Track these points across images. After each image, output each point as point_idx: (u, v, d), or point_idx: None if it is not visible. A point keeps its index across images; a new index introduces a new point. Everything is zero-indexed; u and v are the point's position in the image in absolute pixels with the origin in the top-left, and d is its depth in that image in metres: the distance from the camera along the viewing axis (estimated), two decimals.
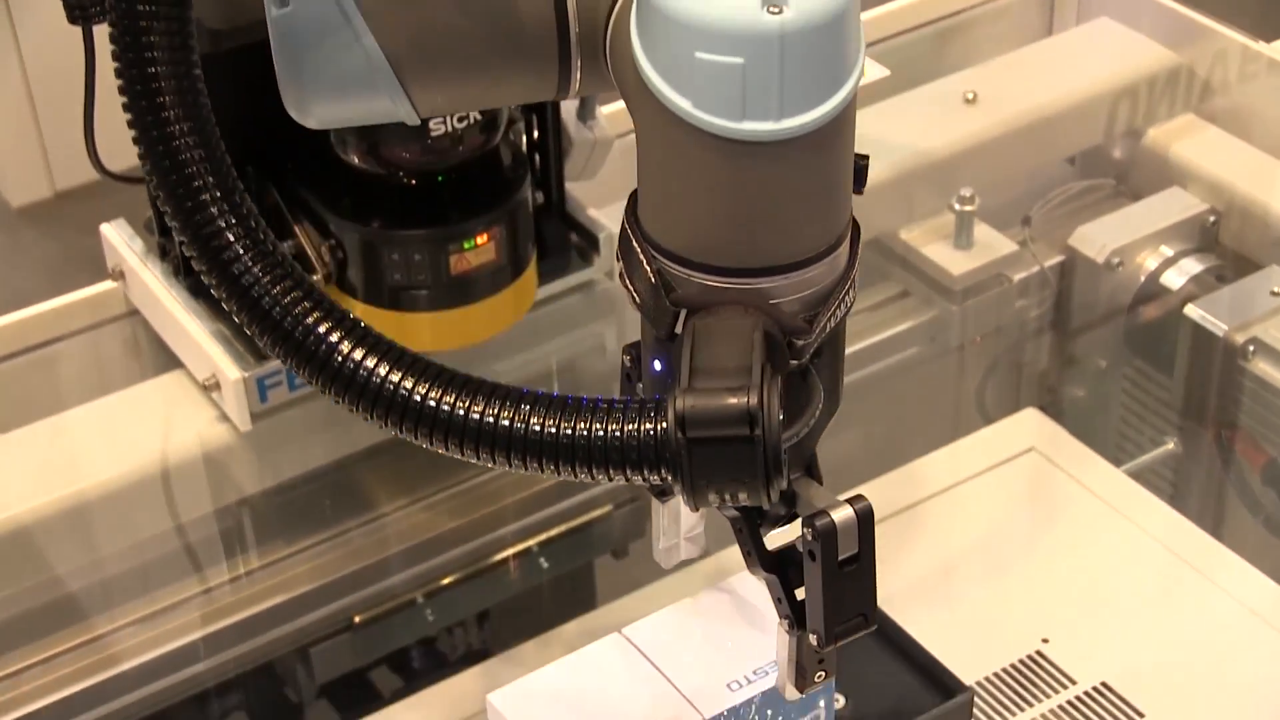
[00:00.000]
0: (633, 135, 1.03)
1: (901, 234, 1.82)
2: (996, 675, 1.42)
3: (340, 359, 1.00)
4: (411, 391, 0.99)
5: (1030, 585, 1.50)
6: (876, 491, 1.58)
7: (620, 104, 1.64)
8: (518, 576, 1.61)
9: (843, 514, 1.07)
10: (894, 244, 1.82)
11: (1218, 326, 1.74)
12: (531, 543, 1.58)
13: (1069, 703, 1.40)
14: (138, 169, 1.41)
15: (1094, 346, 1.91)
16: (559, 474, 0.99)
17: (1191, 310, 1.77)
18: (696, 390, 0.97)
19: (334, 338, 1.00)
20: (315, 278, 1.39)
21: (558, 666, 1.22)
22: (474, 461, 1.00)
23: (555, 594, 1.65)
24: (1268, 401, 1.73)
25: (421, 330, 1.41)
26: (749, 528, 1.12)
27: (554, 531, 1.58)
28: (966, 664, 1.36)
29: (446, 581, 1.57)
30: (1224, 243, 1.86)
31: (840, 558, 1.08)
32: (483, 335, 1.44)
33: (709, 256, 1.01)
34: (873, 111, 1.81)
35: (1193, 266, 1.83)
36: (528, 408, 0.98)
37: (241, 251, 1.01)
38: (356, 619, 1.54)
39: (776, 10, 0.94)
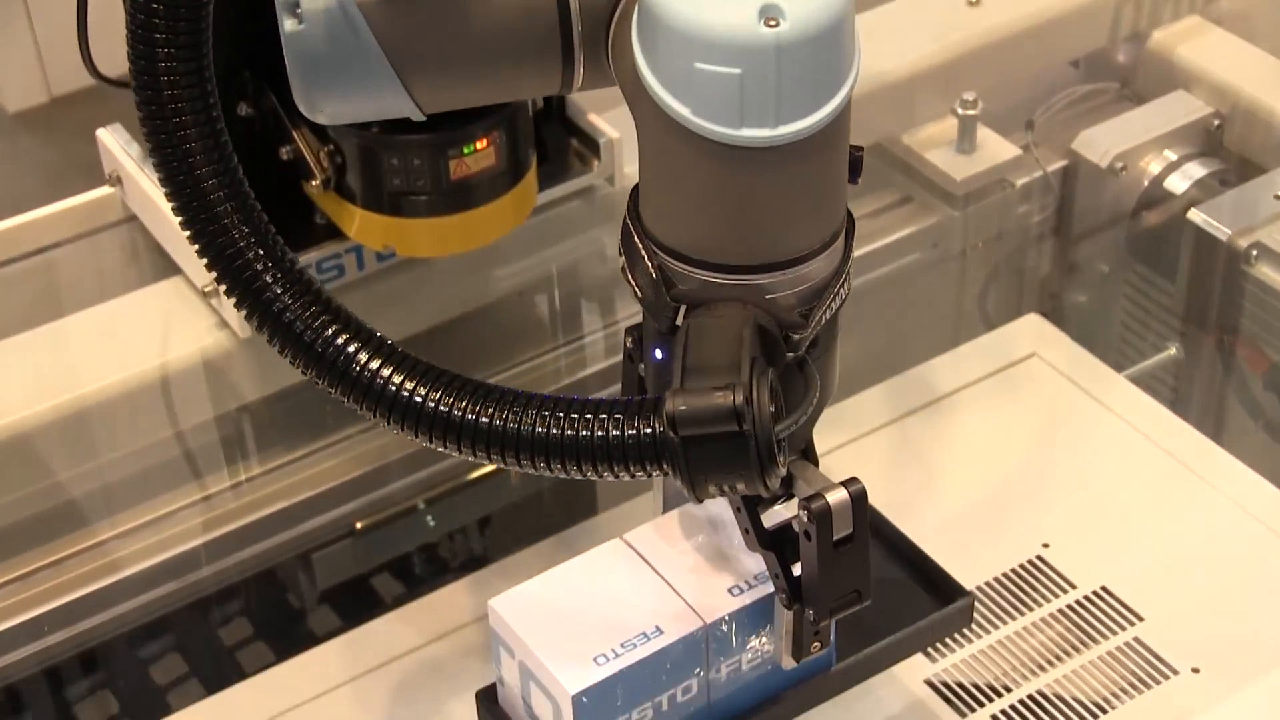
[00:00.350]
0: None
1: (903, 139, 1.81)
2: (997, 580, 1.42)
3: (358, 369, 1.06)
4: (425, 398, 1.05)
5: (1031, 490, 1.50)
6: (878, 397, 1.59)
7: None
8: (519, 482, 1.61)
9: (837, 496, 1.11)
10: (896, 149, 1.81)
11: (1221, 231, 1.74)
12: None
13: (1069, 607, 1.40)
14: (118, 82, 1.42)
15: (1096, 252, 1.91)
16: (566, 473, 1.04)
17: (1195, 215, 1.76)
18: (687, 391, 1.01)
19: (351, 348, 1.06)
20: (314, 183, 1.39)
21: (559, 572, 1.23)
22: (484, 462, 1.06)
23: (556, 500, 1.65)
24: (1270, 306, 1.73)
25: (421, 236, 1.40)
26: (748, 508, 1.16)
27: None
28: (967, 569, 1.37)
29: (448, 488, 1.57)
30: (1228, 146, 1.85)
31: (835, 538, 1.12)
32: (482, 241, 1.43)
33: (708, 254, 1.06)
34: (876, 15, 1.79)
35: (1196, 171, 1.82)
36: (534, 413, 1.03)
37: (262, 271, 1.08)
38: (358, 525, 1.54)
39: (774, 23, 0.98)
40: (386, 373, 1.05)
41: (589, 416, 1.03)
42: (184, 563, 1.48)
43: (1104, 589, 1.41)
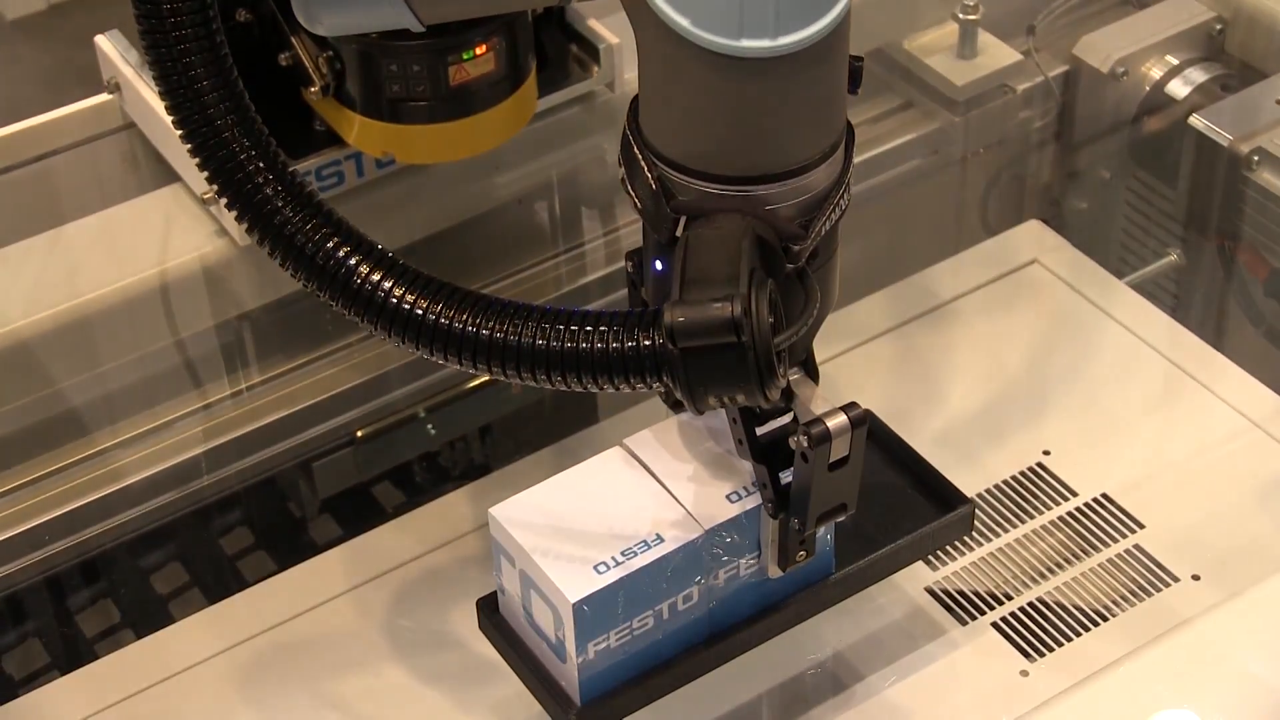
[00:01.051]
0: None
1: (904, 44, 1.80)
2: (997, 487, 1.42)
3: (357, 281, 1.06)
4: (425, 311, 1.05)
5: (1031, 398, 1.50)
6: (879, 304, 1.59)
7: None
8: (519, 391, 1.61)
9: (837, 422, 1.12)
10: (896, 54, 1.80)
11: (1222, 136, 1.73)
12: None
13: (1069, 514, 1.40)
14: None
15: (1098, 158, 1.90)
16: (565, 385, 1.05)
17: (1196, 120, 1.75)
18: (685, 303, 1.02)
19: (351, 260, 1.07)
20: (313, 89, 1.38)
21: (559, 480, 1.23)
22: (485, 374, 1.07)
23: (557, 408, 1.65)
24: (1271, 212, 1.72)
25: (421, 142, 1.39)
26: (744, 420, 1.17)
27: None
28: (967, 476, 1.37)
29: (448, 396, 1.57)
30: (1230, 51, 1.84)
31: (831, 461, 1.13)
32: (482, 147, 1.42)
33: (707, 165, 1.06)
34: None
35: (1198, 76, 1.81)
36: (533, 325, 1.04)
37: (263, 183, 1.09)
38: (358, 433, 1.54)
39: None
40: (386, 285, 1.06)
41: (588, 329, 1.03)
42: (184, 471, 1.48)
43: (1104, 496, 1.42)
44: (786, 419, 1.18)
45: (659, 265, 1.13)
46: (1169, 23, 1.83)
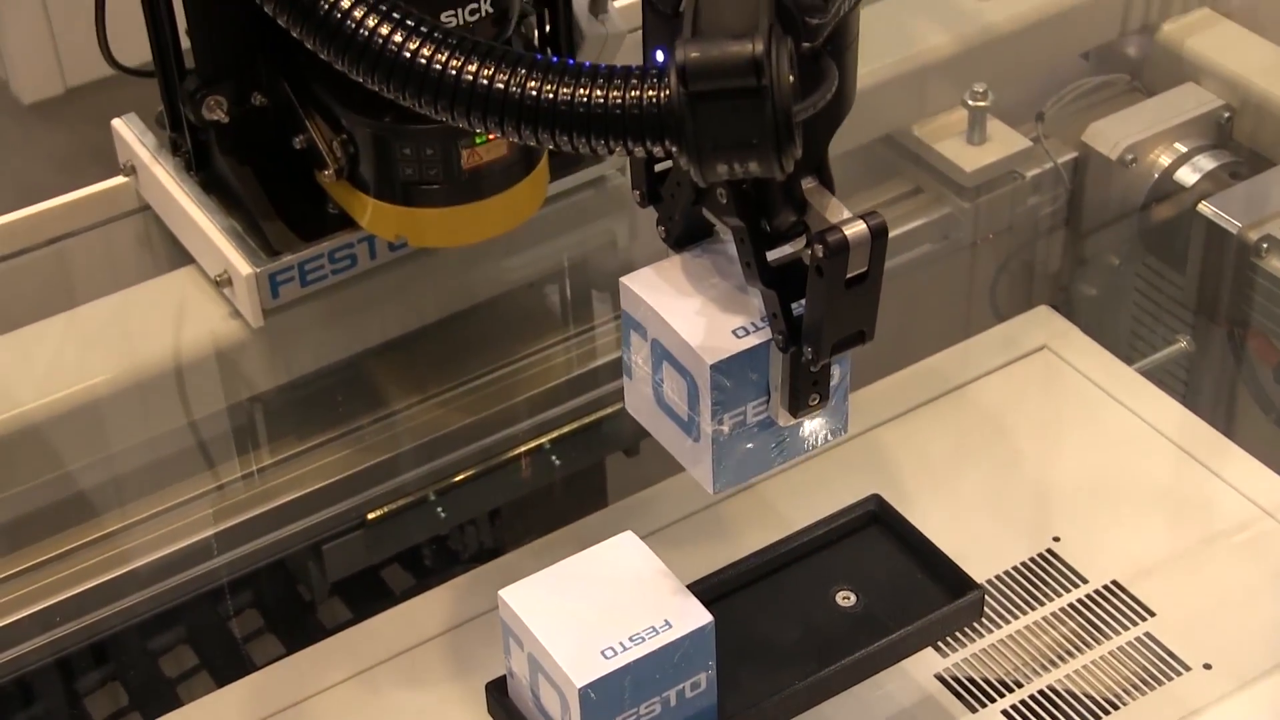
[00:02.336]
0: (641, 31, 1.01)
1: (914, 129, 1.80)
2: (1008, 573, 1.42)
3: (353, 25, 0.97)
4: (418, 55, 0.96)
5: (1042, 483, 1.50)
6: (890, 388, 1.59)
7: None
8: (529, 474, 1.61)
9: (856, 230, 1.04)
10: (907, 140, 1.81)
11: (1231, 224, 1.74)
12: (543, 440, 1.58)
13: (1080, 601, 1.40)
14: (149, 64, 1.42)
15: (1107, 244, 1.91)
16: (562, 142, 0.95)
17: (1205, 207, 1.76)
18: (700, 39, 0.92)
19: (346, 3, 0.98)
20: (327, 172, 1.38)
21: (568, 564, 1.22)
22: (477, 129, 0.98)
23: (566, 491, 1.65)
24: None
25: (433, 226, 1.39)
26: (752, 236, 1.07)
27: (565, 429, 1.58)
28: (978, 562, 1.37)
29: (458, 479, 1.57)
30: (1238, 139, 1.85)
31: (848, 275, 1.05)
32: (495, 231, 1.43)
33: None
34: (888, 5, 1.79)
35: (1206, 163, 1.82)
36: (526, 71, 0.95)
37: None
38: (369, 516, 1.54)
39: None
40: (383, 30, 0.97)
41: (591, 79, 0.94)
42: (195, 554, 1.48)
43: (1114, 583, 1.41)
44: (799, 245, 1.08)
45: (660, 56, 1.04)
46: (1177, 110, 1.84)
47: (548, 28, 1.50)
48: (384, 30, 0.97)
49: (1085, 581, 1.41)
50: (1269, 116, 1.82)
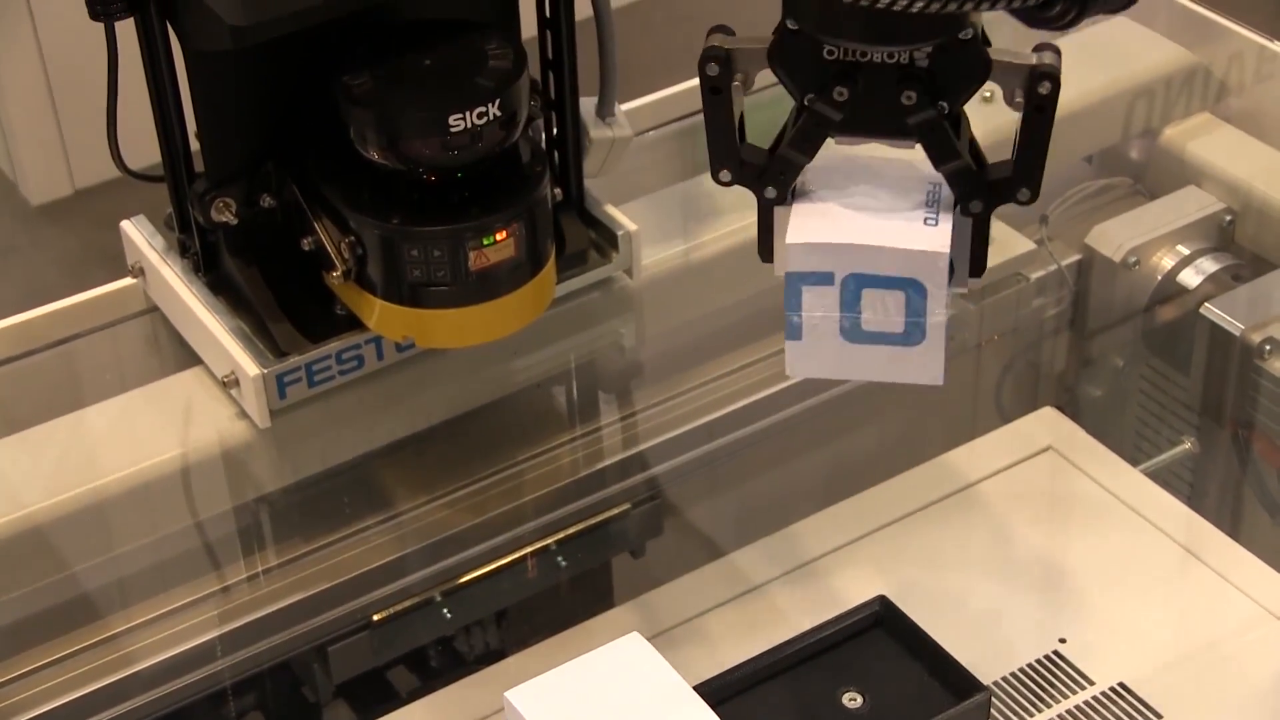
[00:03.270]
0: (648, 134, 1.03)
1: None
2: (1014, 675, 1.42)
3: None
4: None
5: (1047, 585, 1.50)
6: (894, 490, 1.59)
7: (638, 101, 1.66)
8: (535, 575, 1.61)
9: (1052, 60, 1.18)
10: None
11: (1234, 326, 1.74)
12: (549, 541, 1.58)
13: (1086, 703, 1.40)
14: (158, 167, 1.43)
15: (1111, 345, 1.91)
16: None
17: (1208, 309, 1.76)
18: None
19: None
20: (335, 273, 1.39)
21: (575, 665, 1.22)
22: None
23: (573, 592, 1.65)
24: None
25: (441, 327, 1.41)
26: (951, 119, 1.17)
27: (572, 530, 1.58)
28: (984, 663, 1.36)
29: (464, 580, 1.57)
30: (1240, 242, 1.86)
31: None
32: (502, 332, 1.43)
33: None
34: None
35: (1209, 266, 1.83)
36: None
37: None
38: (374, 617, 1.54)
39: None
40: None
41: None
42: (199, 656, 1.47)
43: (1121, 685, 1.41)
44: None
45: None
46: (1179, 214, 1.84)
47: (555, 130, 1.51)
48: None
49: (1092, 683, 1.41)
50: (1270, 220, 1.83)
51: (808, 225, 1.19)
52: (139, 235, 1.52)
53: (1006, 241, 1.81)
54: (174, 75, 1.39)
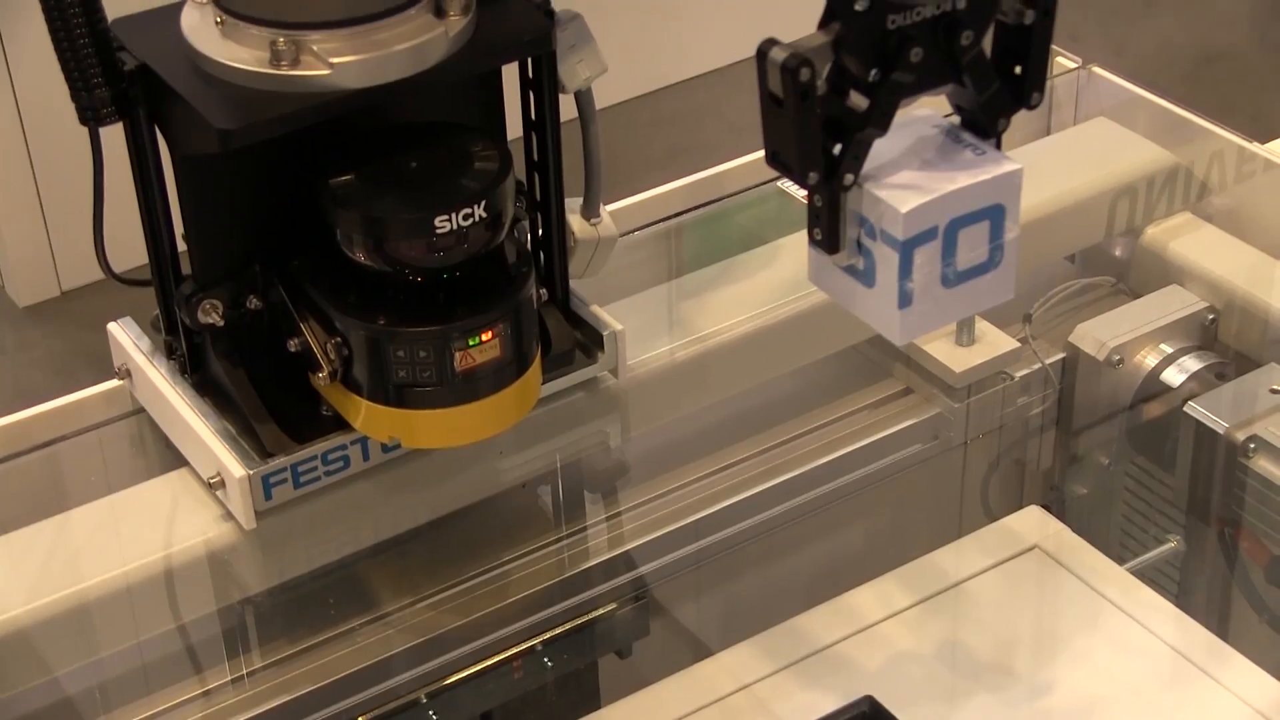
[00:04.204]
0: (634, 235, 1.04)
1: None
2: None
3: None
4: None
5: (1034, 684, 1.49)
6: (880, 590, 1.58)
7: (623, 202, 1.67)
8: (522, 675, 1.61)
9: None
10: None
11: (1218, 424, 1.74)
12: (535, 642, 1.57)
13: None
14: (143, 269, 1.43)
15: (1096, 443, 1.91)
16: None
17: (1192, 408, 1.77)
18: None
19: None
20: (321, 375, 1.40)
21: None
22: None
23: (560, 693, 1.64)
24: (1269, 499, 1.73)
25: (427, 427, 1.41)
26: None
27: (558, 630, 1.57)
28: None
29: (450, 681, 1.56)
30: (1223, 340, 1.86)
31: None
32: (488, 432, 1.44)
33: None
34: None
35: (1193, 364, 1.83)
36: None
37: None
38: (361, 719, 1.53)
39: None
40: None
41: None
42: None
43: None
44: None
45: None
46: (1162, 312, 1.85)
47: (540, 231, 1.52)
48: None
49: None
50: (1252, 318, 1.84)
51: (902, 194, 1.28)
52: (125, 337, 1.53)
53: (991, 340, 1.81)
54: (162, 179, 1.40)
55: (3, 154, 3.04)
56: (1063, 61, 2.00)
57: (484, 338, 1.38)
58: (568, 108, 1.49)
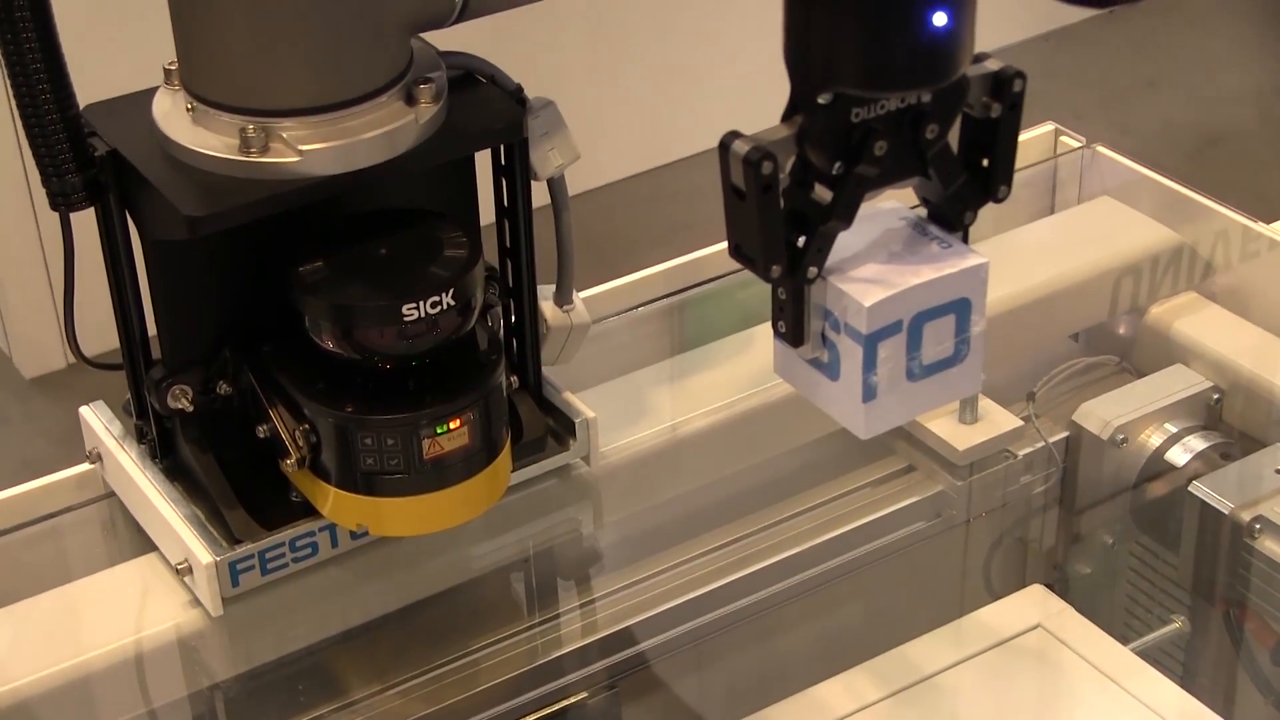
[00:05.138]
0: (607, 321, 1.03)
1: None
2: None
3: None
4: None
5: None
6: (881, 668, 1.57)
7: (597, 289, 1.67)
8: None
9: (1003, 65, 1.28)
10: None
11: (1223, 504, 1.73)
12: None
13: None
14: (114, 355, 1.44)
15: (1100, 523, 1.90)
16: None
17: (1197, 487, 1.75)
18: None
19: None
20: (289, 461, 1.39)
21: None
22: None
23: None
24: (1275, 580, 1.71)
25: (395, 515, 1.40)
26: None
27: (529, 718, 1.57)
28: None
29: None
30: (1228, 420, 1.85)
31: None
32: (456, 520, 1.43)
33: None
34: None
35: (1197, 444, 1.82)
36: None
37: None
38: None
39: None
40: None
41: None
42: None
43: None
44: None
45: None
46: (1166, 392, 1.84)
47: (513, 318, 1.52)
48: None
49: None
50: (1257, 398, 1.82)
51: (865, 288, 1.27)
52: (97, 421, 1.53)
53: (994, 418, 1.80)
54: (133, 263, 1.41)
55: (12, 228, 3.06)
56: (1067, 141, 2.00)
57: (452, 425, 1.38)
58: (543, 193, 1.49)
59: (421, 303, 1.34)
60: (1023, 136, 2.03)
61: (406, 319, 1.34)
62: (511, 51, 1.67)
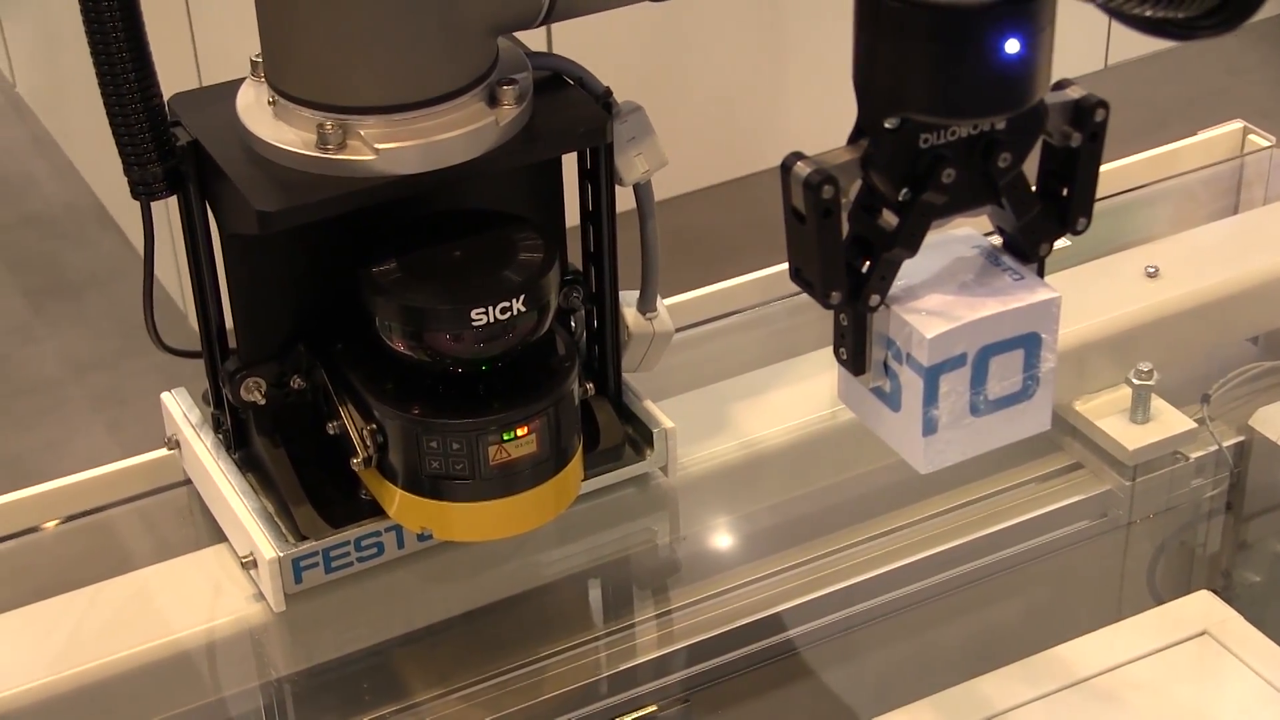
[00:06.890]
0: (691, 331, 1.00)
1: (1076, 405, 1.76)
2: None
3: None
4: None
5: None
6: (1041, 667, 1.52)
7: (682, 296, 1.63)
8: None
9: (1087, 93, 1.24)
10: (1069, 415, 1.76)
11: None
12: None
13: None
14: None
15: (1271, 530, 1.83)
16: None
17: None
18: None
19: None
20: (357, 460, 1.39)
21: None
22: None
23: None
24: None
25: (460, 520, 1.39)
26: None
27: None
28: None
29: None
30: None
31: None
32: (522, 527, 1.41)
33: None
34: (1054, 279, 1.75)
35: None
36: None
37: None
38: None
39: None
40: None
41: None
42: None
43: None
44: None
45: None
46: None
47: (595, 323, 1.49)
48: None
49: None
50: None
51: (928, 319, 1.23)
52: (177, 408, 1.54)
53: (1166, 419, 1.75)
54: (212, 255, 1.41)
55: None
56: (1254, 140, 1.91)
57: (520, 433, 1.35)
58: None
59: (491, 307, 1.32)
60: (1209, 134, 1.97)
61: (475, 323, 1.32)
62: (602, 54, 1.64)
